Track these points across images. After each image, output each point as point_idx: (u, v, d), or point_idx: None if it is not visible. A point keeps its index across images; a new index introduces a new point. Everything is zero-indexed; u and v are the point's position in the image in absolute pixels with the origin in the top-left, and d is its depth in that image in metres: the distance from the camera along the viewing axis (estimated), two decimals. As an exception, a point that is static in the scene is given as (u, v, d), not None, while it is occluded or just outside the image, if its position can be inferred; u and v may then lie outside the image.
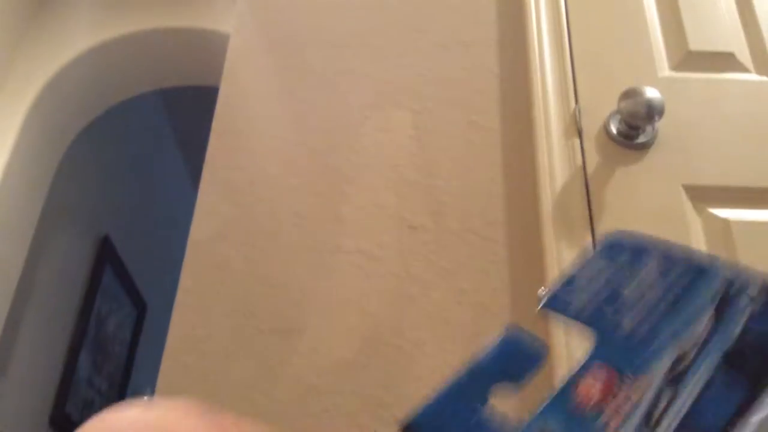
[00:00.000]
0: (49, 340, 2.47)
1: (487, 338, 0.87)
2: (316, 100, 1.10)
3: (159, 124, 3.50)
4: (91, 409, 2.62)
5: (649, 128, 0.97)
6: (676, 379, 0.27)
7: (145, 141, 3.35)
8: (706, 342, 0.28)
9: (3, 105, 2.20)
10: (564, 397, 0.28)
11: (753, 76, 1.05)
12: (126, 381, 2.98)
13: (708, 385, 0.27)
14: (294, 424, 0.85)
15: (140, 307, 3.19)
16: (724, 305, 0.28)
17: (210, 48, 2.39)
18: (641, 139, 0.97)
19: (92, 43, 2.34)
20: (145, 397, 2.32)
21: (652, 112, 0.91)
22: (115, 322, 2.92)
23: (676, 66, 1.06)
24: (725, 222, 0.91)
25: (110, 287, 2.86)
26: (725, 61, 1.06)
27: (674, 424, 0.26)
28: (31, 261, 2.31)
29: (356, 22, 1.17)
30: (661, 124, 0.98)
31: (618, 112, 0.96)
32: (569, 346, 0.83)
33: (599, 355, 0.29)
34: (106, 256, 2.80)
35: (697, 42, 1.08)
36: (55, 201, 2.47)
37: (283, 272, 0.95)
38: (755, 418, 0.25)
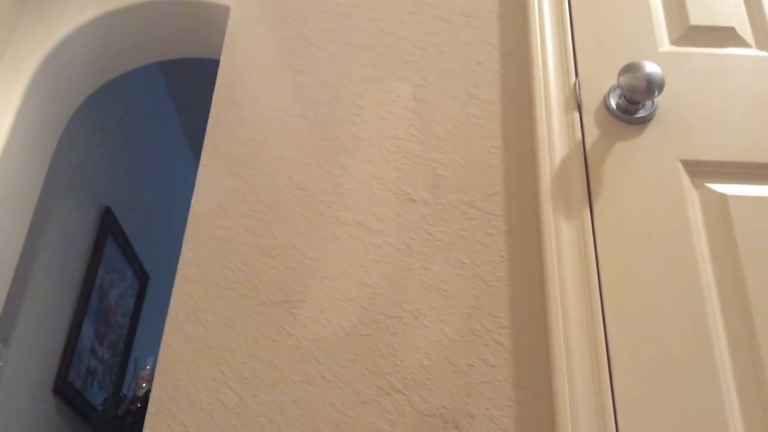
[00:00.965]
0: (53, 311, 2.49)
1: (484, 310, 0.88)
2: (316, 72, 1.10)
3: (160, 96, 3.50)
4: (93, 378, 2.66)
5: (648, 103, 0.97)
6: None
7: (146, 113, 3.35)
8: None
9: (4, 76, 2.20)
10: None
11: (754, 51, 1.05)
12: (128, 351, 3.01)
13: None
14: (294, 393, 0.87)
15: (142, 278, 3.21)
16: None
17: (211, 20, 2.38)
18: (641, 113, 0.97)
19: (94, 14, 2.32)
20: (148, 367, 2.34)
21: (652, 86, 0.92)
22: (118, 293, 2.94)
23: (677, 41, 1.06)
24: (723, 197, 0.92)
25: (112, 259, 2.88)
26: (726, 35, 1.06)
27: None
28: (34, 233, 2.32)
29: (357, -6, 1.16)
30: (660, 99, 0.98)
31: (618, 86, 0.96)
32: (568, 343, 0.84)
33: None
34: (108, 228, 2.82)
35: (697, 16, 1.07)
36: (57, 172, 2.48)
37: (283, 244, 0.96)
38: None
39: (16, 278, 2.18)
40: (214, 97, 1.08)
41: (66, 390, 2.48)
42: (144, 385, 2.39)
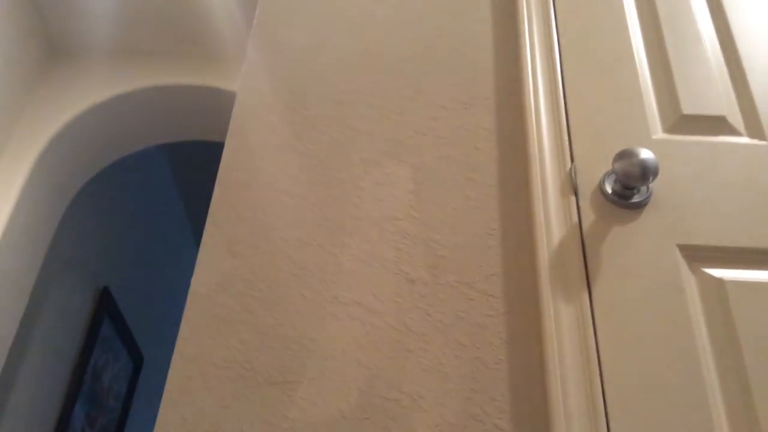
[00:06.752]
0: (45, 392, 2.45)
1: (484, 393, 0.87)
2: (318, 155, 1.12)
3: (163, 177, 3.54)
4: (82, 463, 2.58)
5: (643, 188, 0.99)
6: None
7: (147, 194, 3.38)
8: None
9: (9, 158, 2.24)
10: None
11: (744, 139, 1.08)
12: (119, 435, 2.94)
13: None
14: (289, 478, 0.84)
15: (137, 359, 3.17)
16: None
17: (215, 105, 2.44)
18: (636, 198, 0.99)
19: (99, 98, 2.39)
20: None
21: (647, 172, 0.93)
22: (111, 375, 2.89)
23: (670, 129, 1.09)
24: (720, 282, 0.92)
25: (108, 339, 2.84)
26: (717, 124, 1.09)
27: None
28: (31, 311, 2.30)
29: (359, 82, 1.20)
30: (655, 185, 1.00)
31: (613, 172, 0.98)
32: (570, 429, 0.84)
33: None
34: (105, 308, 2.80)
35: (689, 106, 1.11)
36: (57, 252, 2.48)
37: (281, 323, 0.96)
38: None
39: (10, 357, 2.15)
40: (218, 177, 1.10)
41: (53, 476, 2.40)
42: (133, 471, 2.32)
